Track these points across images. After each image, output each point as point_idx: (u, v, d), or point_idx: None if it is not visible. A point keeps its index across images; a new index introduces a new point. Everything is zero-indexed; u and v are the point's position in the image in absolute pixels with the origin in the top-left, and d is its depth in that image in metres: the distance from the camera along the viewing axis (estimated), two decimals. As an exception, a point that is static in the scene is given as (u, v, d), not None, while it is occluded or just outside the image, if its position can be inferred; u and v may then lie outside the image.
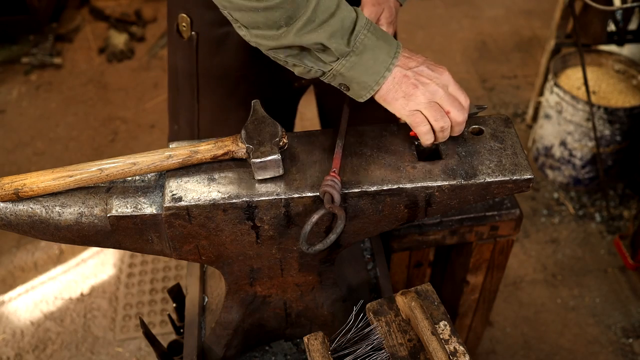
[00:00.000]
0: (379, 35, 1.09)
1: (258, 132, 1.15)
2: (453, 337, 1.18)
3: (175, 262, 2.88)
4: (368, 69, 1.09)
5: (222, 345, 1.43)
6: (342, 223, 1.07)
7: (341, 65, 1.09)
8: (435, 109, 1.12)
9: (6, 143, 3.50)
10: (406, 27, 4.29)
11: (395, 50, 1.10)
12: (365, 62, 1.09)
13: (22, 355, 2.56)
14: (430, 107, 1.12)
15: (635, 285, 2.76)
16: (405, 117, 1.14)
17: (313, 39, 1.06)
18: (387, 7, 1.37)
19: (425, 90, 1.11)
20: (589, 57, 3.09)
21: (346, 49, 1.07)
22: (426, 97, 1.11)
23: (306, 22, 1.04)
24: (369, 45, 1.08)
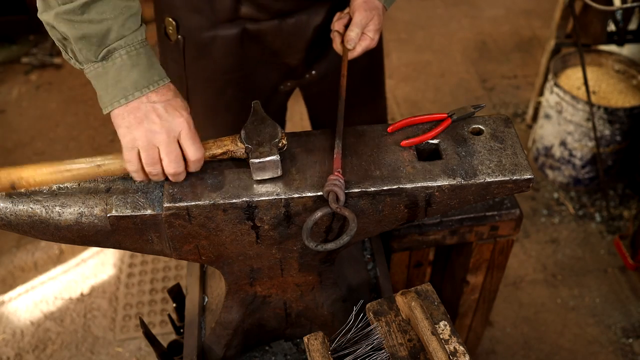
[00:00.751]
0: (138, 63, 1.07)
1: (257, 132, 1.15)
2: (453, 337, 1.18)
3: (175, 262, 2.88)
4: (108, 88, 1.07)
5: (222, 345, 1.43)
6: (355, 225, 1.07)
7: (89, 70, 1.08)
8: (150, 153, 1.08)
9: (6, 143, 3.50)
10: (406, 27, 4.29)
11: (146, 85, 1.07)
12: (109, 79, 1.07)
13: (22, 355, 2.56)
14: (147, 148, 1.08)
15: (635, 285, 2.76)
16: (123, 148, 1.09)
17: (63, 29, 1.04)
18: (377, 15, 1.38)
19: (147, 130, 1.07)
20: (589, 57, 3.09)
21: (92, 57, 1.06)
22: (146, 137, 1.07)
23: (72, 10, 1.02)
24: (120, 66, 1.06)
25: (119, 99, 1.07)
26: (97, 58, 1.06)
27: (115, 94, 1.07)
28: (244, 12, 1.45)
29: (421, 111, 3.61)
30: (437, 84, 3.85)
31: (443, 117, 1.24)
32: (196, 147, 1.10)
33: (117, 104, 1.07)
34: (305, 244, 1.10)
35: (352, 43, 1.37)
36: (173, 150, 1.09)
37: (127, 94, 1.07)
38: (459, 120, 1.25)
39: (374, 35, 1.38)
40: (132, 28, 1.08)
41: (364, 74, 1.71)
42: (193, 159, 1.11)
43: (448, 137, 1.23)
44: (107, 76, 1.07)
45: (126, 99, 1.07)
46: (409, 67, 3.98)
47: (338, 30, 1.40)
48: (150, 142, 1.07)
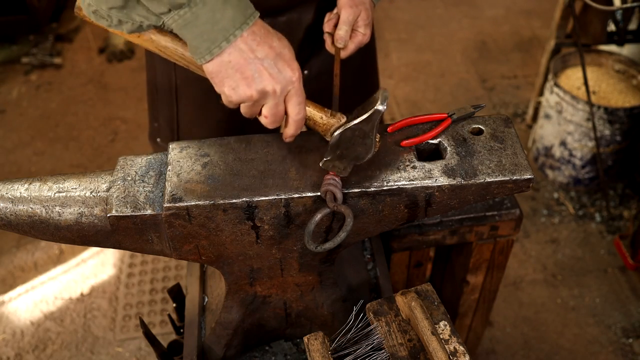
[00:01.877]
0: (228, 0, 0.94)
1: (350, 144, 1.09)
2: (453, 337, 1.18)
3: (175, 262, 2.88)
4: (203, 34, 0.95)
5: (222, 345, 1.43)
6: (351, 221, 1.07)
7: (172, 20, 0.96)
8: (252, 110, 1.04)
9: (6, 143, 3.50)
10: (406, 27, 4.30)
11: (244, 21, 0.96)
12: (202, 24, 0.95)
13: (22, 355, 2.56)
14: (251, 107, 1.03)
15: (635, 285, 2.76)
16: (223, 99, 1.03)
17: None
18: (364, 9, 1.36)
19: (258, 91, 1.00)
20: (589, 57, 3.09)
21: (166, 4, 0.94)
22: (257, 96, 1.01)
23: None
24: (212, 6, 0.94)
25: (219, 43, 0.96)
26: (178, 3, 0.93)
27: (215, 38, 0.95)
28: None
29: (421, 111, 3.61)
30: (437, 84, 3.85)
31: (443, 117, 1.24)
32: (301, 107, 1.04)
33: (218, 49, 0.96)
34: (307, 247, 1.10)
35: (342, 41, 1.35)
36: (278, 112, 1.03)
37: (228, 34, 0.95)
38: (459, 120, 1.25)
39: (364, 30, 1.37)
40: None
41: (357, 74, 1.70)
42: (296, 119, 1.06)
43: (448, 137, 1.23)
44: (199, 21, 0.95)
45: (228, 41, 0.96)
46: (409, 67, 3.98)
47: (329, 31, 1.39)
48: (257, 102, 1.02)
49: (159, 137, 1.77)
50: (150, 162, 1.23)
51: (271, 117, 1.05)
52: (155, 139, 1.79)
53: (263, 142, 1.23)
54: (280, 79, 1.00)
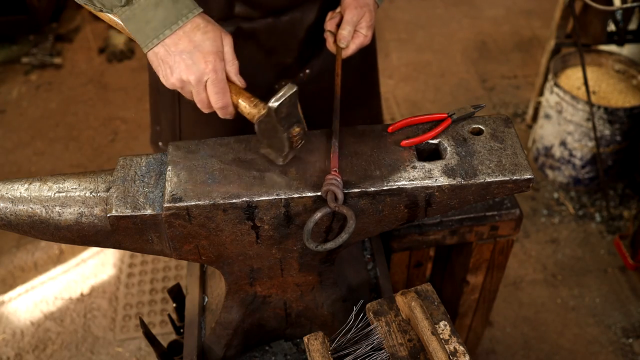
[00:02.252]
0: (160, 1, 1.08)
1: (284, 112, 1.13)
2: (453, 337, 1.18)
3: (175, 262, 2.88)
4: (139, 30, 1.10)
5: (222, 345, 1.43)
6: (354, 222, 1.07)
7: (119, 14, 1.10)
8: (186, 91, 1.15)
9: (6, 143, 3.50)
10: (406, 27, 4.30)
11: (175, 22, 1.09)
12: (138, 21, 1.09)
13: (22, 355, 2.56)
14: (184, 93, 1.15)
15: (635, 285, 2.76)
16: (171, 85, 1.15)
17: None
18: (368, 11, 1.38)
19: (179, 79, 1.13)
20: (589, 57, 3.09)
21: (116, 2, 1.08)
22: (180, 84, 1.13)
23: None
24: (144, 7, 1.08)
25: (151, 39, 1.10)
26: (121, 2, 1.08)
27: (147, 35, 1.10)
28: (237, 10, 1.45)
29: (421, 111, 3.61)
30: (437, 84, 3.85)
31: (443, 117, 1.24)
32: (218, 97, 1.13)
33: (151, 44, 1.10)
34: (306, 245, 1.10)
35: (345, 41, 1.37)
36: (202, 99, 1.14)
37: (158, 32, 1.09)
38: (459, 120, 1.25)
39: (366, 32, 1.39)
40: None
41: (358, 73, 1.71)
42: (216, 107, 1.15)
43: (448, 137, 1.23)
44: (136, 18, 1.09)
45: (157, 38, 1.09)
46: (409, 67, 3.98)
47: (330, 30, 1.40)
48: (183, 88, 1.14)
49: (160, 140, 1.78)
50: (150, 162, 1.23)
51: (198, 103, 1.16)
52: (157, 143, 1.80)
53: (263, 142, 1.23)
54: (194, 70, 1.11)
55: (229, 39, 1.16)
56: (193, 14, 1.11)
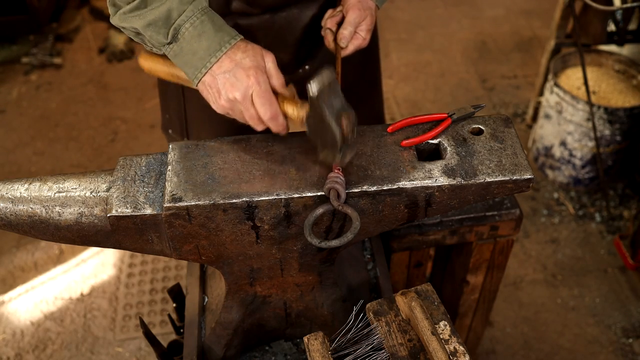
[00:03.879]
0: (203, 31, 1.13)
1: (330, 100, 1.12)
2: (453, 337, 1.18)
3: (175, 262, 2.88)
4: (188, 63, 1.14)
5: (222, 345, 1.43)
6: (359, 223, 1.07)
7: (168, 52, 1.15)
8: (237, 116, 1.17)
9: (6, 143, 3.50)
10: (406, 27, 4.30)
11: (219, 49, 1.13)
12: (186, 55, 1.14)
13: (22, 355, 2.56)
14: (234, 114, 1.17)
15: (635, 285, 2.76)
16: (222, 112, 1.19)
17: (132, 24, 1.14)
18: (370, 15, 1.39)
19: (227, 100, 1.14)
20: (589, 57, 3.09)
21: (163, 40, 1.13)
22: (230, 106, 1.15)
23: (136, 6, 1.12)
24: (189, 39, 1.13)
25: (200, 69, 1.13)
26: (167, 39, 1.13)
27: (196, 66, 1.13)
28: (235, 7, 1.45)
29: (421, 111, 3.61)
30: (437, 84, 3.85)
31: (443, 117, 1.24)
32: (265, 108, 1.14)
33: (200, 74, 1.14)
34: (308, 240, 1.09)
35: (345, 41, 1.38)
36: (252, 114, 1.15)
37: (205, 62, 1.13)
38: (459, 120, 1.25)
39: (365, 35, 1.40)
40: (190, 1, 1.13)
41: (359, 71, 1.71)
42: (265, 119, 1.15)
43: (448, 137, 1.23)
44: (183, 52, 1.14)
45: (205, 67, 1.13)
46: (409, 67, 3.98)
47: (330, 28, 1.40)
48: (233, 108, 1.16)
49: (170, 128, 1.81)
50: (150, 162, 1.23)
51: (250, 120, 1.17)
52: (167, 130, 1.83)
53: (263, 142, 1.23)
54: (238, 86, 1.13)
55: (270, 56, 1.18)
56: (235, 40, 1.15)
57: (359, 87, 1.73)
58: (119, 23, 1.16)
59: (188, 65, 1.14)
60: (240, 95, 1.13)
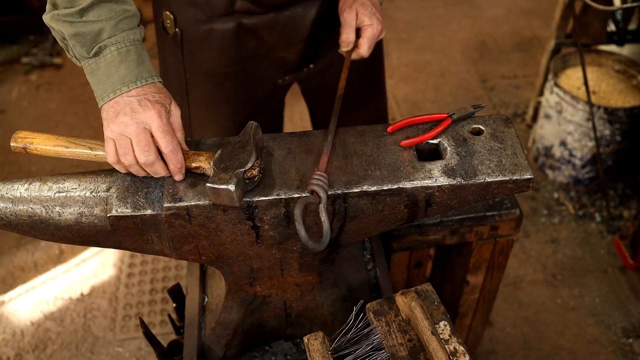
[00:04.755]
0: (126, 59, 1.12)
1: (232, 156, 1.12)
2: (453, 337, 1.18)
3: (175, 262, 2.88)
4: (99, 83, 1.13)
5: (222, 345, 1.43)
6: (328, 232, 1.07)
7: (85, 66, 1.14)
8: (121, 143, 1.11)
9: (6, 143, 3.49)
10: (406, 27, 4.29)
11: (134, 81, 1.11)
12: (101, 74, 1.12)
13: (22, 355, 2.56)
14: (119, 139, 1.11)
15: (635, 285, 2.76)
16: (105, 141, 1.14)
17: (61, 29, 1.12)
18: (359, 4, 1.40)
19: (120, 122, 1.10)
20: (589, 57, 3.09)
21: (85, 53, 1.12)
22: (119, 128, 1.10)
23: (71, 13, 1.11)
24: (109, 62, 1.12)
25: (108, 93, 1.12)
26: (89, 54, 1.12)
27: (105, 89, 1.12)
28: (239, 6, 1.46)
29: (421, 111, 3.61)
30: (437, 84, 3.85)
31: (443, 117, 1.24)
32: (167, 140, 1.11)
33: (107, 97, 1.12)
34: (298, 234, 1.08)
35: (346, 44, 1.38)
36: (142, 140, 1.10)
37: (115, 88, 1.11)
38: (459, 120, 1.25)
39: (370, 21, 1.38)
40: (124, 28, 1.13)
41: (364, 72, 1.71)
42: (166, 152, 1.11)
43: (448, 137, 1.23)
44: (99, 71, 1.12)
45: (114, 93, 1.11)
46: (409, 67, 3.98)
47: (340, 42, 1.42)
48: (121, 133, 1.10)
49: None
50: (150, 162, 1.22)
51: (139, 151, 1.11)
52: None
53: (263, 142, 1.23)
54: (139, 112, 1.10)
55: (179, 110, 1.17)
56: (153, 80, 1.14)
57: (363, 88, 1.73)
58: (49, 22, 1.14)
59: (99, 85, 1.13)
60: (136, 121, 1.10)
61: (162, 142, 1.11)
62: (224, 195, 1.07)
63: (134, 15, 1.16)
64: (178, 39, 1.55)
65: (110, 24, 1.12)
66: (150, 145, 1.11)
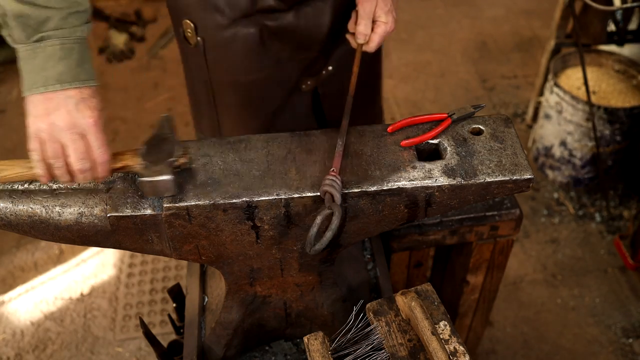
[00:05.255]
0: (68, 57, 1.06)
1: (157, 149, 1.13)
2: (453, 337, 1.18)
3: (175, 262, 2.88)
4: (31, 72, 1.05)
5: (222, 345, 1.43)
6: (337, 220, 1.05)
7: (20, 49, 1.06)
8: (52, 145, 1.06)
9: (6, 143, 3.50)
10: (406, 27, 4.29)
11: (70, 81, 1.06)
12: (35, 64, 1.05)
13: (22, 355, 2.56)
14: (50, 141, 1.06)
15: (635, 285, 2.76)
16: (28, 136, 1.07)
17: (4, 3, 1.04)
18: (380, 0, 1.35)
19: (52, 123, 1.05)
20: (589, 57, 3.09)
21: (24, 38, 1.05)
22: (50, 129, 1.05)
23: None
24: (49, 55, 1.05)
25: (38, 86, 1.05)
26: (29, 40, 1.05)
27: (35, 80, 1.05)
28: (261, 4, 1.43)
29: (421, 111, 3.61)
30: (437, 84, 3.85)
31: (443, 117, 1.24)
32: (102, 150, 1.08)
33: (36, 90, 1.05)
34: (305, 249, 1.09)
35: (362, 37, 1.34)
36: (80, 148, 1.07)
37: (48, 84, 1.05)
38: (459, 120, 1.25)
39: (385, 19, 1.34)
40: (73, 23, 1.07)
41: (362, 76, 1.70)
42: (99, 161, 1.09)
43: (448, 137, 1.23)
44: (34, 61, 1.06)
45: (45, 88, 1.05)
46: (409, 67, 3.98)
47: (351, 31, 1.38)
48: (52, 135, 1.05)
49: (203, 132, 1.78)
50: (150, 162, 1.22)
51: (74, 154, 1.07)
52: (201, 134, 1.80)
53: (263, 142, 1.23)
54: (75, 117, 1.05)
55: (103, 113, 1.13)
56: (90, 83, 1.09)
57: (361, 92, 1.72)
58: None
59: (30, 74, 1.06)
60: (73, 127, 1.05)
61: (97, 152, 1.08)
62: (161, 187, 1.10)
63: (85, 11, 1.10)
64: (201, 48, 1.50)
65: (60, 14, 1.05)
66: (89, 153, 1.08)
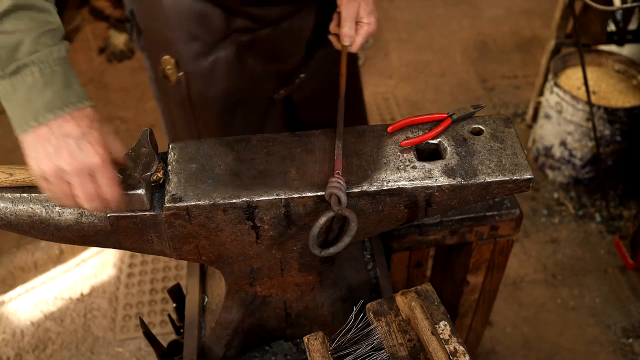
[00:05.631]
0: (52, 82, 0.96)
1: (134, 163, 1.12)
2: (453, 337, 1.17)
3: (175, 262, 2.88)
4: (17, 109, 0.96)
5: (222, 345, 1.43)
6: (356, 225, 1.07)
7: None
8: (61, 187, 1.00)
9: (6, 143, 3.49)
10: (406, 27, 4.29)
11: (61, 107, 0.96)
12: (19, 99, 0.95)
13: (22, 355, 2.56)
14: (57, 184, 0.99)
15: (635, 285, 2.76)
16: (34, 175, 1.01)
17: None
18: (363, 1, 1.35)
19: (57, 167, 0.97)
20: (589, 57, 3.09)
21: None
22: (55, 173, 0.98)
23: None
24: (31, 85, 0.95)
25: (28, 121, 0.96)
26: (3, 71, 0.94)
27: (24, 116, 0.96)
28: (238, 24, 1.43)
29: (421, 111, 3.61)
30: (437, 84, 3.85)
31: (443, 117, 1.24)
32: (112, 189, 1.01)
33: (27, 126, 0.96)
34: (312, 251, 1.10)
35: (348, 39, 1.35)
36: (89, 189, 0.99)
37: (38, 115, 0.95)
38: (459, 120, 1.25)
39: (368, 19, 1.35)
40: (47, 43, 0.97)
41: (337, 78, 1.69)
42: (110, 199, 1.02)
43: (448, 137, 1.23)
44: (17, 95, 0.95)
45: (37, 121, 0.95)
46: (409, 67, 3.98)
47: (334, 32, 1.39)
48: (59, 178, 0.99)
49: None
50: (150, 162, 1.22)
51: (83, 196, 1.00)
52: None
53: (263, 142, 1.23)
54: (80, 159, 0.97)
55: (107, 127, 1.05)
56: (83, 105, 0.99)
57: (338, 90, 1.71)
58: None
59: (16, 111, 0.96)
60: (79, 170, 0.97)
61: (107, 191, 1.00)
62: (135, 201, 1.09)
63: (57, 29, 1.00)
64: (183, 84, 1.48)
65: (31, 36, 0.94)
66: (95, 193, 1.00)
